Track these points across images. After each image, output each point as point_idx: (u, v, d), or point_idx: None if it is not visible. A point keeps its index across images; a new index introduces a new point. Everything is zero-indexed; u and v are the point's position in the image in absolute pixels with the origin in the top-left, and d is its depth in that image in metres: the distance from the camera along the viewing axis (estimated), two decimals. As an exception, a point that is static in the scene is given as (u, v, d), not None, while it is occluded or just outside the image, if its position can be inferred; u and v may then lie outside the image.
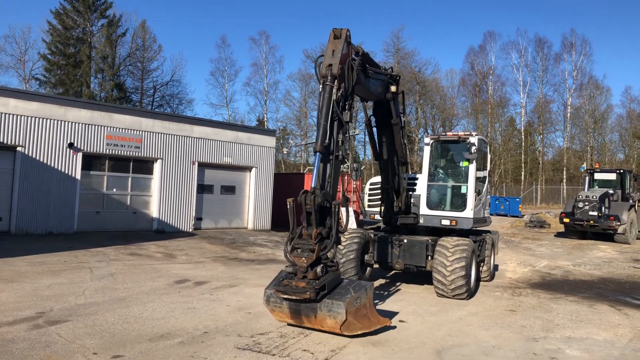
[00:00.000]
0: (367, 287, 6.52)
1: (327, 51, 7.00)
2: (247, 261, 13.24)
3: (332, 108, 6.68)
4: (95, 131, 17.26)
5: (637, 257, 17.02)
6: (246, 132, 22.40)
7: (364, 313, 6.38)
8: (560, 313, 8.46)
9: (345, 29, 7.08)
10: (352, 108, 7.47)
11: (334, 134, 6.77)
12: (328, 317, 6.07)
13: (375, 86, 8.47)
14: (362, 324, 6.28)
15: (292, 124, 58.34)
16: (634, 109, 57.45)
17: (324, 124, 6.57)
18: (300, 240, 6.34)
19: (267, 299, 6.49)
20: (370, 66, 8.08)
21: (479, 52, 57.72)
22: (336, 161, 6.84)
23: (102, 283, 9.34)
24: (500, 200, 36.22)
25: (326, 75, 6.75)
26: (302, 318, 6.30)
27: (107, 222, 17.70)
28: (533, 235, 24.01)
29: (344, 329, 6.10)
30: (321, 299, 6.06)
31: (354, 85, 7.21)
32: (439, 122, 56.58)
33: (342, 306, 5.97)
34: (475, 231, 10.54)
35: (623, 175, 23.34)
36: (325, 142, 6.56)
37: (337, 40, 7.04)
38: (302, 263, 6.16)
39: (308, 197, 6.28)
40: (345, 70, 7.00)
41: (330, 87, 6.70)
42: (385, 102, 9.12)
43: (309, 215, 6.32)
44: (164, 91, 50.15)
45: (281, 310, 6.40)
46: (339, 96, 6.84)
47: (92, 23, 42.96)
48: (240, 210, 21.69)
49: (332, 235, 6.40)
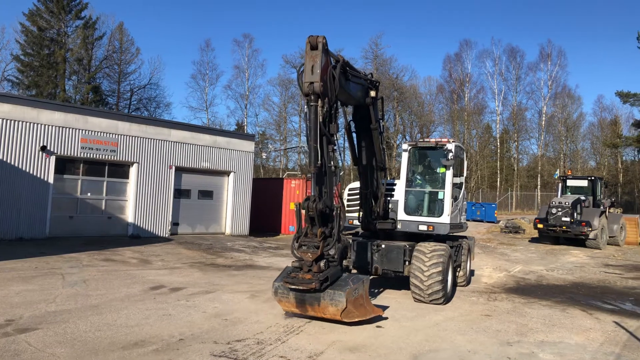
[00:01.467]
0: (364, 280, 7.43)
1: (306, 66, 7.07)
2: (224, 267, 13.11)
3: (320, 128, 7.04)
4: (69, 134, 16.90)
5: (607, 262, 17.46)
6: (225, 136, 22.24)
7: (361, 303, 7.22)
8: (534, 317, 8.60)
9: (321, 37, 7.08)
10: (337, 117, 7.62)
11: (324, 149, 7.20)
12: (330, 305, 6.86)
13: (355, 90, 8.53)
14: (359, 312, 7.09)
15: (272, 128, 58.14)
16: (605, 117, 59.20)
17: (314, 145, 7.00)
18: (305, 239, 7.13)
19: (275, 290, 7.29)
20: (350, 69, 8.13)
21: (456, 59, 58.72)
22: (330, 172, 7.34)
23: (74, 290, 9.12)
24: (477, 206, 36.76)
25: (309, 94, 6.99)
26: (306, 307, 7.07)
27: (81, 227, 17.31)
28: (508, 240, 24.42)
29: (344, 316, 6.87)
30: (324, 289, 6.85)
31: (336, 94, 7.36)
32: (416, 129, 57.22)
33: (343, 295, 6.79)
34: (451, 237, 10.65)
35: (594, 182, 23.97)
36: (318, 162, 7.04)
37: (315, 52, 7.05)
38: (308, 258, 6.93)
39: (310, 204, 6.95)
40: (327, 81, 7.15)
41: (315, 107, 7.01)
42: (364, 106, 9.18)
43: (312, 219, 7.05)
44: (142, 94, 49.49)
45: (288, 300, 7.19)
46: (325, 112, 7.12)
47: (66, 24, 42.17)
48: (218, 215, 21.49)
49: (334, 234, 7.17)
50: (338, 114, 7.72)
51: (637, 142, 30.81)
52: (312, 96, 6.97)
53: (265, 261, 14.61)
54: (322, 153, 7.11)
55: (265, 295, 9.47)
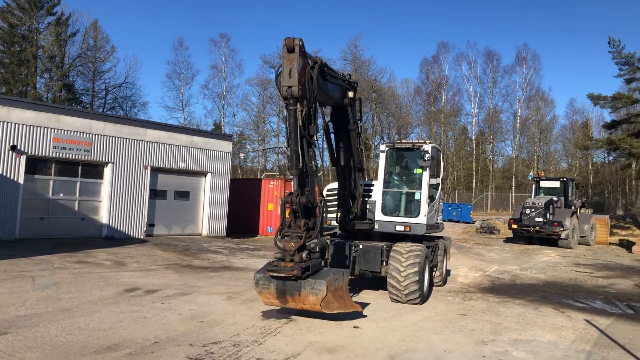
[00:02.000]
0: (344, 272, 7.58)
1: (284, 70, 7.08)
2: (200, 268, 12.96)
3: (300, 131, 7.12)
4: (41, 133, 16.48)
5: (578, 261, 17.90)
6: (202, 136, 22.01)
7: (340, 294, 7.32)
8: (508, 316, 8.75)
9: (297, 39, 7.05)
10: (317, 117, 7.66)
11: (305, 151, 7.28)
12: (311, 294, 6.92)
13: (333, 90, 8.55)
14: (339, 304, 7.20)
15: (250, 129, 57.78)
16: (577, 120, 60.74)
17: (294, 148, 7.10)
18: (289, 230, 7.22)
19: (257, 282, 7.29)
20: (328, 70, 8.14)
21: (433, 62, 59.41)
22: (311, 172, 7.47)
23: (44, 293, 8.89)
24: (453, 207, 37.24)
25: (287, 98, 7.03)
26: (287, 297, 7.11)
27: (53, 229, 16.89)
28: (484, 240, 24.81)
29: (324, 305, 6.93)
30: (306, 277, 6.94)
31: (315, 95, 7.39)
32: (394, 130, 57.68)
33: (323, 284, 6.89)
34: (428, 237, 10.76)
35: (566, 184, 24.55)
36: (300, 165, 7.14)
37: (292, 55, 7.03)
38: (290, 247, 7.02)
39: (293, 198, 7.08)
40: (305, 83, 7.18)
41: (295, 111, 7.07)
42: (342, 107, 9.21)
43: (295, 212, 7.18)
44: (117, 93, 48.59)
45: (268, 291, 7.21)
46: (304, 115, 7.17)
47: (38, 21, 41.11)
48: (195, 216, 21.24)
49: (316, 227, 7.29)
50: (317, 114, 7.75)
51: (607, 145, 31.62)
52: (291, 100, 7.02)
53: (243, 262, 14.50)
54: (303, 155, 7.21)
55: (242, 296, 9.40)
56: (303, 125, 7.17)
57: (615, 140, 30.00)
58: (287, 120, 7.23)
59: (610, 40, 30.38)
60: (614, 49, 30.44)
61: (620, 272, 15.37)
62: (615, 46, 30.35)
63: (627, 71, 31.40)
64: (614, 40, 30.27)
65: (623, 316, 9.19)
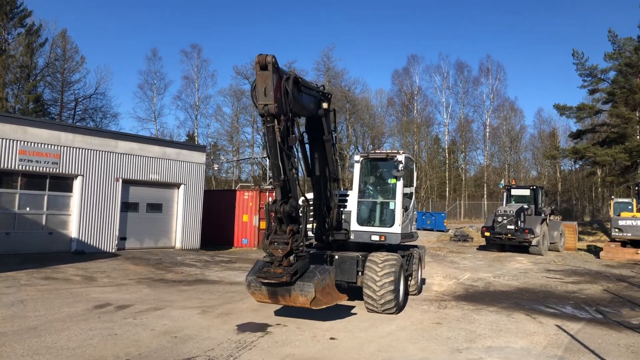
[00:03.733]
0: (330, 270, 8.01)
1: (258, 88, 7.11)
2: (174, 282, 12.72)
3: (279, 147, 7.26)
4: (6, 146, 15.98)
5: (549, 267, 18.30)
6: (174, 147, 21.71)
7: (328, 291, 7.76)
8: (482, 324, 8.85)
9: (270, 56, 7.01)
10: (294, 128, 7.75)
11: (286, 164, 7.43)
12: (300, 296, 7.32)
13: (308, 101, 8.60)
14: (327, 300, 7.66)
15: (224, 139, 57.44)
16: (544, 129, 62.47)
17: (275, 162, 7.29)
18: (275, 236, 7.53)
19: (249, 284, 7.73)
20: (302, 81, 8.17)
21: (404, 74, 60.37)
22: (293, 179, 7.65)
23: (10, 311, 8.56)
24: (427, 215, 37.67)
25: (264, 115, 7.13)
26: (278, 298, 7.56)
27: (19, 244, 16.32)
28: (457, 248, 25.13)
29: (313, 304, 7.36)
30: (295, 282, 7.28)
31: (291, 108, 7.46)
32: (368, 140, 58.23)
33: (311, 286, 7.26)
34: (403, 246, 10.83)
35: (536, 191, 25.15)
36: (281, 177, 7.32)
37: (266, 73, 7.03)
38: (278, 253, 7.33)
39: (277, 207, 7.37)
40: (282, 98, 7.27)
41: (272, 128, 7.20)
42: (317, 118, 9.24)
43: (280, 220, 7.49)
44: (87, 104, 47.65)
45: (260, 292, 7.64)
46: (282, 129, 7.27)
47: (8, 31, 40.10)
48: (168, 229, 20.87)
49: (301, 230, 7.57)
50: (295, 125, 7.81)
51: (572, 154, 32.62)
52: (268, 117, 7.13)
53: (217, 275, 14.30)
54: (284, 167, 7.39)
55: (217, 310, 9.26)
56: (282, 139, 7.29)
57: (581, 150, 31.00)
58: (265, 137, 7.41)
59: (574, 53, 31.53)
60: (577, 61, 31.57)
61: (588, 277, 15.78)
62: (578, 58, 31.51)
63: (590, 82, 32.59)
64: (577, 52, 31.43)
65: (592, 321, 9.41)
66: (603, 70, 31.63)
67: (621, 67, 30.26)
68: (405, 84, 59.99)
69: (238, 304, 9.95)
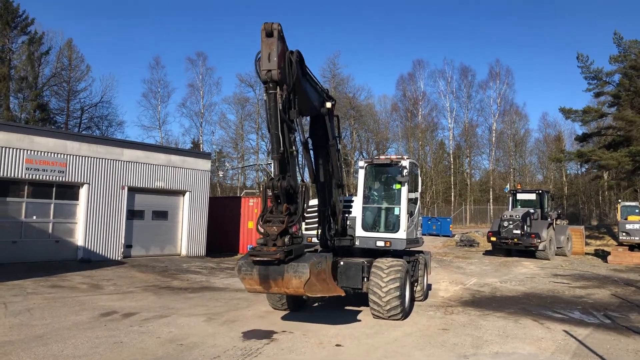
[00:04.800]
0: (326, 256, 7.54)
1: (262, 54, 6.99)
2: (179, 290, 12.73)
3: (280, 115, 6.97)
4: (13, 155, 16.08)
5: (556, 272, 18.17)
6: (179, 154, 21.80)
7: (323, 277, 7.20)
8: (489, 329, 8.80)
9: (276, 24, 6.99)
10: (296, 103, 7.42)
11: (285, 136, 7.10)
12: (294, 278, 6.76)
13: (311, 92, 8.55)
14: (322, 287, 7.15)
15: (229, 146, 57.58)
16: (550, 133, 62.26)
17: (275, 133, 6.94)
18: (271, 215, 7.05)
19: (239, 268, 7.09)
20: (307, 68, 8.17)
21: (409, 79, 60.43)
22: (292, 157, 7.25)
23: (17, 319, 8.59)
24: (432, 221, 37.56)
25: (267, 82, 6.93)
26: (269, 282, 6.92)
27: (26, 253, 16.40)
28: (463, 254, 25.02)
29: (307, 288, 6.80)
30: (289, 261, 6.78)
31: (294, 81, 7.31)
32: (373, 145, 58.23)
33: (306, 266, 6.75)
34: (408, 252, 10.80)
35: (542, 196, 25.03)
36: (280, 149, 6.96)
37: (271, 40, 6.97)
38: (272, 231, 6.86)
39: (275, 182, 6.91)
40: (285, 68, 7.12)
41: (274, 95, 6.96)
42: (321, 118, 9.24)
43: (277, 197, 7.00)
44: (93, 113, 47.92)
45: (251, 277, 6.99)
46: (284, 99, 7.06)
47: (11, 40, 40.51)
48: (173, 236, 20.91)
49: (298, 212, 7.09)
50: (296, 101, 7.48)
51: (578, 157, 32.45)
52: (271, 84, 6.93)
53: (223, 282, 14.30)
54: (284, 139, 7.04)
55: (222, 317, 9.25)
56: (283, 109, 7.02)
57: (586, 153, 30.85)
58: (266, 105, 7.09)
59: (578, 56, 31.45)
60: (582, 64, 31.48)
61: (596, 282, 15.65)
62: (583, 62, 31.41)
63: (595, 85, 32.47)
64: (582, 55, 31.34)
65: (601, 326, 9.33)
66: (608, 73, 31.54)
67: (626, 69, 30.16)
68: (410, 89, 60.08)
69: (244, 311, 9.94)
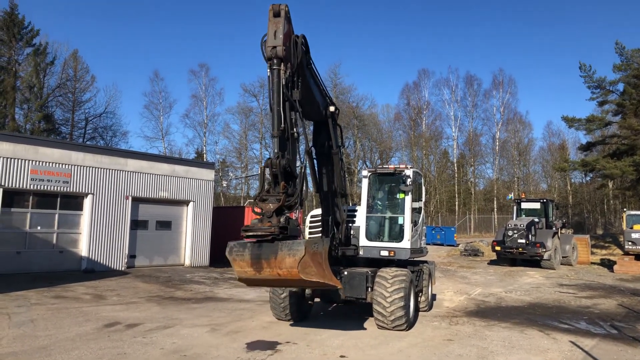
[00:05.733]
0: (323, 239, 7.18)
1: (269, 32, 7.00)
2: (183, 300, 12.70)
3: (282, 91, 6.89)
4: (18, 166, 16.18)
5: (561, 281, 18.03)
6: (183, 165, 21.87)
7: (319, 261, 6.64)
8: (494, 340, 8.72)
9: (284, 5, 7.05)
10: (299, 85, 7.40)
11: (287, 115, 6.99)
12: (288, 256, 6.33)
13: (315, 91, 8.56)
14: (317, 271, 6.54)
15: (232, 156, 57.71)
16: (554, 142, 62.10)
17: (277, 109, 6.81)
18: (267, 194, 6.70)
19: (230, 249, 6.72)
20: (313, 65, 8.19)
21: (414, 88, 60.55)
22: (292, 139, 7.09)
23: (21, 330, 8.58)
24: (437, 230, 37.41)
25: (272, 58, 6.89)
26: (262, 263, 6.47)
27: (30, 263, 16.43)
28: (468, 263, 24.88)
29: (301, 268, 6.31)
30: (283, 238, 6.41)
31: (299, 62, 7.32)
32: (376, 154, 58.23)
33: (302, 244, 6.35)
34: (412, 261, 10.75)
35: (546, 205, 24.92)
36: (281, 126, 6.80)
37: (277, 19, 7.00)
38: (268, 208, 6.52)
39: (273, 160, 6.65)
40: (290, 47, 7.14)
41: (278, 71, 6.89)
42: (324, 125, 9.26)
43: (275, 176, 6.70)
44: (97, 123, 48.17)
45: (242, 258, 6.61)
46: (288, 77, 7.02)
47: (17, 52, 40.93)
48: (177, 246, 20.91)
49: (296, 193, 6.79)
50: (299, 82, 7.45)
51: (582, 166, 32.32)
52: (275, 60, 6.85)
53: (226, 293, 14.26)
54: (285, 117, 6.89)
55: (226, 328, 9.21)
56: (286, 87, 6.94)
57: (590, 162, 30.72)
58: (269, 82, 6.97)
59: (581, 66, 31.44)
60: (585, 74, 31.47)
61: (602, 291, 15.52)
62: (586, 71, 31.39)
63: (599, 94, 32.42)
64: (584, 65, 31.33)
65: (607, 336, 9.23)
66: (611, 82, 31.50)
67: (629, 78, 30.13)
68: (414, 97, 60.13)
69: (247, 321, 9.90)
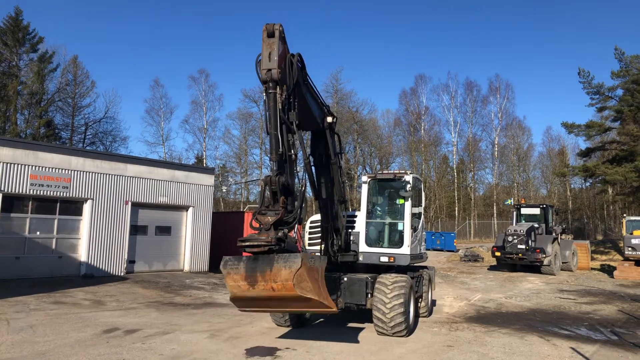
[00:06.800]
0: (321, 257, 7.36)
1: (263, 53, 6.92)
2: (182, 306, 12.67)
3: (279, 115, 6.86)
4: (18, 171, 16.18)
5: (562, 287, 17.99)
6: (183, 170, 21.87)
7: (315, 276, 6.57)
8: (494, 346, 8.69)
9: (277, 24, 6.95)
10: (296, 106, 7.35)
11: (284, 138, 6.97)
12: (283, 268, 6.20)
13: (312, 103, 8.51)
14: (313, 287, 6.39)
15: (232, 161, 57.73)
16: (553, 147, 62.17)
17: (274, 133, 6.78)
18: (266, 209, 6.65)
19: (225, 262, 6.67)
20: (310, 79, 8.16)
21: (411, 94, 60.66)
22: (290, 160, 7.08)
23: (19, 336, 8.56)
24: (436, 235, 37.39)
25: (267, 81, 6.81)
26: (256, 276, 6.36)
27: (29, 268, 16.38)
28: (468, 269, 24.83)
29: (297, 282, 6.15)
30: (280, 251, 6.32)
31: (295, 83, 7.26)
32: (376, 160, 58.27)
33: (298, 256, 6.22)
34: (412, 267, 10.74)
35: (546, 210, 24.90)
36: (280, 150, 6.80)
37: (272, 40, 6.91)
38: (267, 221, 6.45)
39: (273, 178, 6.58)
40: (286, 68, 7.09)
41: (274, 95, 6.83)
42: (322, 134, 9.24)
43: (274, 193, 6.64)
44: (97, 128, 48.25)
45: (237, 271, 6.53)
46: (284, 100, 6.99)
47: (20, 57, 41.06)
48: (176, 251, 20.87)
49: (295, 210, 6.75)
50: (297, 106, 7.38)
51: (583, 172, 32.37)
52: (271, 83, 6.75)
53: (226, 298, 14.22)
54: (282, 141, 6.88)
55: (225, 334, 9.19)
56: (282, 110, 6.90)
57: (591, 168, 30.76)
58: (266, 105, 6.92)
59: (580, 72, 31.56)
60: (584, 80, 31.58)
61: (603, 297, 15.49)
62: (585, 77, 31.51)
63: (598, 100, 32.52)
64: (583, 71, 31.46)
65: (608, 342, 9.21)
66: (610, 88, 31.60)
67: (628, 84, 30.22)
68: (412, 103, 60.26)
69: (247, 327, 9.87)
